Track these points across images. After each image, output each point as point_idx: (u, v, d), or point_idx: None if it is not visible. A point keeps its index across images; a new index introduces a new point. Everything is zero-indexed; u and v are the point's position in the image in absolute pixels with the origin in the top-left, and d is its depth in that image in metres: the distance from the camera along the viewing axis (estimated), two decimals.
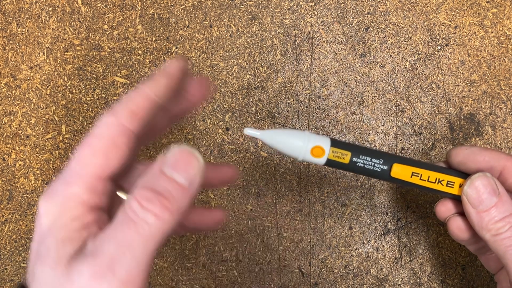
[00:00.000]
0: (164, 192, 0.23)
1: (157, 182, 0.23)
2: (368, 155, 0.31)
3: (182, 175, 0.24)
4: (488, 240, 0.30)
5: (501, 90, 0.43)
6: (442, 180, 0.32)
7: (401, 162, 0.32)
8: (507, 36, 0.43)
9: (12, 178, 0.44)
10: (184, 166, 0.24)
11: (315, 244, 0.42)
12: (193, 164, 0.24)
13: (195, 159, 0.24)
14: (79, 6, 0.45)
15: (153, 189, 0.23)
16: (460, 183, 0.32)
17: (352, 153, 0.31)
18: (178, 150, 0.24)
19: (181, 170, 0.24)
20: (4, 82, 0.44)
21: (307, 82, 0.43)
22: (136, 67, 0.44)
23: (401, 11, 0.44)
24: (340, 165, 0.31)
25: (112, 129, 0.25)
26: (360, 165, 0.31)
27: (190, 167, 0.24)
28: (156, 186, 0.23)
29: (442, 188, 0.32)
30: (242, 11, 0.44)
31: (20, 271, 0.43)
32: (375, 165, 0.31)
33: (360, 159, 0.31)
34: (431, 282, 0.42)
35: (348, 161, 0.31)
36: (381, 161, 0.31)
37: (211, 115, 0.43)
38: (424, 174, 0.32)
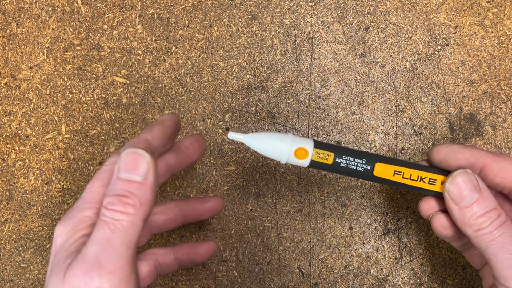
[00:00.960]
0: (122, 192, 0.27)
1: (116, 187, 0.27)
2: (351, 155, 0.32)
3: (135, 173, 0.27)
4: (471, 236, 0.30)
5: (502, 90, 0.43)
6: (424, 178, 0.32)
7: (384, 161, 0.32)
8: (508, 36, 0.43)
9: (12, 178, 0.44)
10: (134, 166, 0.28)
11: (315, 244, 0.42)
12: (141, 161, 0.28)
13: (141, 157, 0.28)
14: (79, 6, 0.45)
15: (114, 194, 0.27)
16: (442, 180, 0.32)
17: (335, 153, 0.32)
18: (125, 154, 0.28)
19: (133, 170, 0.28)
20: (4, 82, 0.44)
21: (307, 82, 0.43)
22: (136, 67, 0.44)
23: (401, 11, 0.43)
24: (323, 166, 0.32)
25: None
26: (343, 166, 0.32)
27: (140, 165, 0.28)
28: (116, 190, 0.27)
29: (424, 185, 0.33)
30: (242, 11, 0.44)
31: (20, 271, 0.43)
32: (358, 165, 0.32)
33: (343, 160, 0.32)
34: (431, 282, 0.42)
35: (332, 162, 0.32)
36: (364, 160, 0.32)
37: (211, 115, 0.43)
38: (406, 172, 0.32)
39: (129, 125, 0.44)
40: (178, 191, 0.43)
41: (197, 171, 0.43)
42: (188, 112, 0.43)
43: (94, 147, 0.44)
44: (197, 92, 0.44)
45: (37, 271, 0.43)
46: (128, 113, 0.44)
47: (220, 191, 0.43)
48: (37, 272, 0.43)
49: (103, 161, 0.43)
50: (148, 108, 0.44)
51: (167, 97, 0.44)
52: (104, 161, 0.43)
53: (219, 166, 0.43)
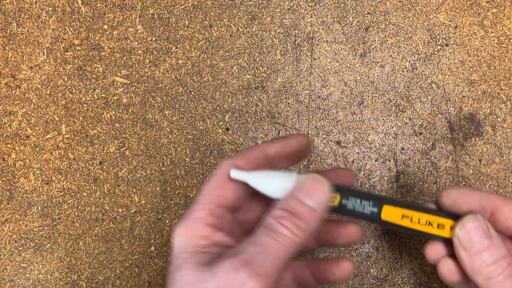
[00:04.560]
0: (296, 213, 0.28)
1: (291, 205, 0.28)
2: (357, 196, 0.31)
3: (313, 199, 0.28)
4: (481, 284, 0.30)
5: (501, 90, 0.43)
6: (432, 222, 0.31)
7: (391, 204, 0.31)
8: (507, 36, 0.43)
9: (12, 178, 0.44)
10: (314, 193, 0.28)
11: None
12: (322, 191, 0.29)
13: (323, 186, 0.29)
14: (79, 6, 0.45)
15: (287, 210, 0.28)
16: (451, 225, 0.31)
17: (341, 195, 0.31)
18: (311, 178, 0.29)
19: (312, 196, 0.28)
20: (4, 82, 0.44)
21: (307, 82, 0.43)
22: (136, 67, 0.44)
23: (401, 11, 0.44)
24: (329, 208, 0.31)
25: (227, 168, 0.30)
26: (349, 208, 0.31)
27: (320, 194, 0.29)
28: (290, 208, 0.28)
29: (433, 230, 0.31)
30: (242, 11, 0.44)
31: (20, 271, 0.43)
32: (365, 207, 0.31)
33: (350, 201, 0.31)
34: (431, 282, 0.42)
35: (338, 204, 0.31)
36: (371, 202, 0.31)
37: (211, 115, 0.43)
38: (415, 216, 0.31)
39: (129, 125, 0.44)
40: (178, 191, 0.43)
41: (197, 171, 0.43)
42: (188, 112, 0.43)
43: (94, 147, 0.44)
44: (197, 92, 0.44)
45: (37, 271, 0.43)
46: (128, 113, 0.44)
47: None
48: (37, 272, 0.43)
49: (103, 161, 0.44)
50: (148, 108, 0.44)
51: (167, 97, 0.44)
52: (104, 161, 0.43)
53: None
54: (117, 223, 0.43)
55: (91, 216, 0.43)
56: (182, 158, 0.43)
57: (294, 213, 0.28)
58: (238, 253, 0.27)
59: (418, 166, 0.42)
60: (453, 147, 0.42)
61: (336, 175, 0.35)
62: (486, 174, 0.42)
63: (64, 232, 0.43)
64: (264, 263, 0.26)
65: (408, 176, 0.42)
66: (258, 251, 0.26)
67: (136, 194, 0.43)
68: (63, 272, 0.43)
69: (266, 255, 0.26)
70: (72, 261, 0.43)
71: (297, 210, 0.28)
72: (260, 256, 0.26)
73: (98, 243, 0.43)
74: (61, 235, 0.43)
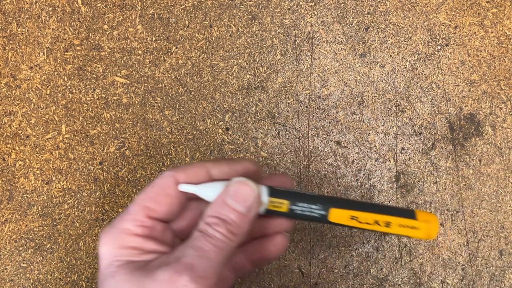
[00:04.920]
0: (227, 219, 0.29)
1: (222, 211, 0.29)
2: (305, 201, 0.32)
3: (241, 204, 0.30)
4: None
5: (501, 90, 0.43)
6: (379, 221, 0.32)
7: (339, 206, 0.32)
8: (507, 36, 0.43)
9: (12, 178, 0.44)
10: (242, 197, 0.30)
11: (315, 244, 0.42)
12: (250, 195, 0.30)
13: (251, 191, 0.30)
14: (79, 6, 0.45)
15: (219, 217, 0.29)
16: (399, 223, 0.33)
17: (290, 201, 0.32)
18: (238, 182, 0.30)
19: (240, 200, 0.30)
20: (4, 82, 0.44)
21: (307, 82, 0.43)
22: (136, 67, 0.44)
23: (401, 11, 0.44)
24: (279, 213, 0.32)
25: (166, 180, 0.31)
26: (298, 212, 0.32)
27: (248, 198, 0.30)
28: (221, 215, 0.29)
29: (380, 228, 0.33)
30: (242, 11, 0.44)
31: (20, 271, 0.43)
32: (313, 211, 0.32)
33: (298, 207, 0.32)
34: (431, 282, 0.42)
35: (287, 210, 0.32)
36: (319, 206, 0.32)
37: (211, 115, 0.43)
38: (362, 217, 0.32)
39: (129, 125, 0.44)
40: None
41: None
42: (188, 112, 0.43)
43: (94, 147, 0.44)
44: (197, 92, 0.44)
45: (37, 271, 0.43)
46: (128, 113, 0.44)
47: None
48: (37, 272, 0.43)
49: (103, 161, 0.44)
50: (148, 108, 0.44)
51: (167, 97, 0.44)
52: (104, 161, 0.43)
53: None
54: None
55: (91, 216, 0.43)
56: (182, 158, 0.43)
57: (225, 219, 0.29)
58: (178, 257, 0.28)
59: (418, 166, 0.42)
60: (453, 147, 0.42)
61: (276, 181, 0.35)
62: (486, 174, 0.42)
63: (64, 232, 0.43)
64: (204, 266, 0.27)
65: (408, 176, 0.42)
66: (198, 255, 0.28)
67: (136, 194, 0.43)
68: (63, 272, 0.43)
69: (205, 259, 0.28)
70: (72, 261, 0.43)
71: (227, 216, 0.29)
72: (200, 260, 0.28)
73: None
74: (61, 235, 0.43)
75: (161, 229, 0.31)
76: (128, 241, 0.29)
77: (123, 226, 0.30)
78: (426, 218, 0.33)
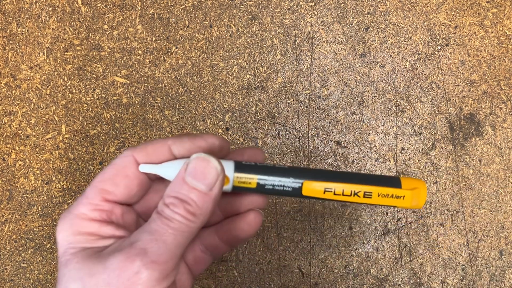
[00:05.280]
0: (186, 199, 0.27)
1: (181, 191, 0.27)
2: (275, 175, 0.30)
3: (202, 182, 0.27)
4: None
5: (501, 90, 0.43)
6: (358, 192, 0.30)
7: (313, 178, 0.30)
8: (507, 36, 0.43)
9: (12, 178, 0.44)
10: (202, 174, 0.27)
11: (315, 244, 0.42)
12: (210, 171, 0.27)
13: (212, 167, 0.27)
14: (79, 6, 0.45)
15: (177, 197, 0.27)
16: (381, 192, 0.30)
17: (258, 176, 0.30)
18: (196, 158, 0.27)
19: (200, 178, 0.27)
20: (4, 82, 0.44)
21: (307, 82, 0.43)
22: (136, 67, 0.44)
23: (401, 11, 0.44)
24: (248, 190, 0.30)
25: (124, 160, 0.29)
26: (269, 187, 0.30)
27: (208, 175, 0.27)
28: (180, 194, 0.27)
29: (359, 200, 0.30)
30: (242, 11, 0.44)
31: (20, 271, 0.43)
32: (285, 185, 0.30)
33: (268, 181, 0.30)
34: (431, 282, 0.42)
35: (256, 185, 0.30)
36: (291, 180, 0.30)
37: (211, 115, 0.43)
38: (338, 188, 0.30)
39: (129, 125, 0.44)
40: None
41: None
42: (188, 112, 0.43)
43: (94, 147, 0.44)
44: (197, 92, 0.44)
45: (37, 271, 0.43)
46: (128, 113, 0.44)
47: None
48: (37, 272, 0.43)
49: (103, 161, 0.44)
50: (148, 108, 0.44)
51: (167, 97, 0.44)
52: (105, 161, 0.43)
53: None
54: None
55: None
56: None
57: (185, 199, 0.27)
58: (132, 242, 0.26)
59: (418, 166, 0.42)
60: (453, 147, 0.42)
61: (246, 155, 0.32)
62: (486, 174, 0.42)
63: None
64: (159, 250, 0.26)
65: (408, 176, 0.42)
66: (152, 238, 0.26)
67: None
68: None
69: (160, 242, 0.26)
70: None
71: (187, 196, 0.27)
72: (155, 243, 0.26)
73: None
74: None
75: (120, 213, 0.29)
76: (84, 226, 0.27)
77: (79, 211, 0.28)
78: (413, 185, 0.30)
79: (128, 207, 0.30)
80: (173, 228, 0.26)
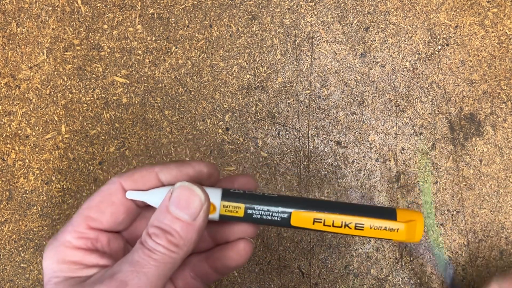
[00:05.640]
0: (169, 230, 0.26)
1: (164, 221, 0.26)
2: (263, 204, 0.29)
3: (185, 212, 0.26)
4: None
5: (502, 90, 0.43)
6: (349, 224, 0.29)
7: (302, 207, 0.29)
8: (508, 36, 0.43)
9: (12, 178, 0.44)
10: (186, 204, 0.27)
11: (315, 244, 0.42)
12: (194, 200, 0.27)
13: (195, 196, 0.27)
14: (79, 6, 0.45)
15: (160, 227, 0.26)
16: (374, 224, 0.29)
17: (245, 204, 0.29)
18: (180, 187, 0.27)
19: (183, 208, 0.27)
20: (4, 82, 0.44)
21: (307, 82, 0.43)
22: (136, 67, 0.44)
23: (402, 11, 0.43)
24: (235, 219, 0.29)
25: (111, 187, 0.28)
26: (256, 217, 0.29)
27: (192, 204, 0.27)
28: (163, 224, 0.26)
29: (350, 232, 0.29)
30: (242, 11, 0.44)
31: (20, 271, 0.43)
32: (273, 214, 0.29)
33: (256, 210, 0.29)
34: (431, 283, 0.42)
35: (243, 214, 0.29)
36: (279, 209, 0.29)
37: (211, 115, 0.43)
38: (328, 219, 0.29)
39: (129, 125, 0.44)
40: None
41: None
42: (188, 112, 0.43)
43: (94, 147, 0.44)
44: (197, 92, 0.44)
45: (37, 271, 0.43)
46: (128, 113, 0.44)
47: None
48: (37, 272, 0.43)
49: (103, 161, 0.44)
50: (148, 108, 0.44)
51: (167, 97, 0.44)
52: (104, 161, 0.43)
53: (219, 166, 0.43)
54: None
55: None
56: (182, 158, 0.43)
57: (168, 230, 0.26)
58: (113, 273, 0.25)
59: (418, 166, 0.42)
60: (454, 147, 0.42)
61: (236, 183, 0.32)
62: (486, 174, 0.42)
63: None
64: (139, 283, 0.25)
65: (409, 176, 0.42)
66: (133, 270, 0.25)
67: None
68: None
69: (142, 275, 0.25)
70: None
71: (170, 226, 0.26)
72: (135, 275, 0.25)
73: None
74: None
75: (106, 240, 0.29)
76: (68, 255, 0.27)
77: (64, 239, 0.28)
78: (409, 217, 0.29)
79: (116, 234, 0.30)
80: (155, 260, 0.26)
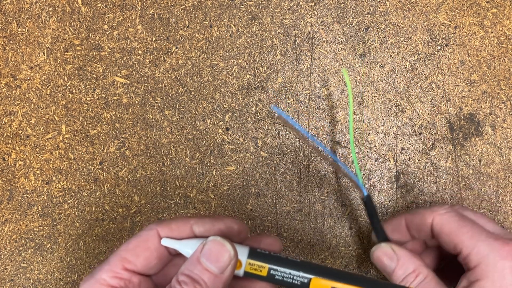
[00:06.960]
0: (198, 279, 0.29)
1: (194, 270, 0.29)
2: (286, 267, 0.31)
3: (215, 265, 0.29)
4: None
5: (501, 90, 0.43)
6: None
7: (322, 275, 0.31)
8: (507, 36, 0.43)
9: (12, 178, 0.44)
10: (216, 257, 0.29)
11: (315, 244, 0.42)
12: (224, 254, 0.29)
13: (226, 251, 0.29)
14: (79, 6, 0.45)
15: (190, 275, 0.29)
16: None
17: (269, 265, 0.31)
18: (212, 241, 0.29)
19: (213, 261, 0.29)
20: (4, 82, 0.44)
21: (307, 82, 0.43)
22: (136, 67, 0.44)
23: (401, 11, 0.44)
24: (258, 277, 0.31)
25: (149, 233, 0.31)
26: (278, 278, 0.31)
27: (221, 258, 0.29)
28: (192, 274, 0.29)
29: None
30: (242, 11, 0.44)
31: (20, 271, 0.43)
32: (294, 277, 0.31)
33: (279, 272, 0.31)
34: None
35: (266, 274, 0.31)
36: (300, 274, 0.31)
37: (211, 115, 0.44)
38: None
39: (129, 125, 0.44)
40: (178, 191, 0.43)
41: (197, 171, 0.43)
42: (188, 112, 0.44)
43: (95, 147, 0.44)
44: (197, 92, 0.44)
45: (38, 271, 0.43)
46: (128, 113, 0.44)
47: (220, 191, 0.43)
48: (37, 272, 0.43)
49: (103, 161, 0.44)
50: (148, 108, 0.44)
51: (167, 97, 0.44)
52: (105, 161, 0.43)
53: (219, 166, 0.43)
54: (117, 223, 0.43)
55: (91, 216, 0.43)
56: (182, 158, 0.43)
57: (196, 279, 0.28)
58: None
59: (418, 166, 0.43)
60: (453, 147, 0.42)
61: (263, 243, 0.35)
62: (486, 174, 0.42)
63: (64, 232, 0.43)
64: None
65: (408, 176, 0.42)
66: None
67: (136, 194, 0.43)
68: (63, 272, 0.43)
69: None
70: (72, 261, 0.43)
71: (199, 276, 0.29)
72: None
73: (98, 243, 0.43)
74: (61, 235, 0.43)
75: (137, 282, 0.31)
76: None
77: (100, 276, 0.30)
78: None
79: (147, 277, 0.32)
80: None
